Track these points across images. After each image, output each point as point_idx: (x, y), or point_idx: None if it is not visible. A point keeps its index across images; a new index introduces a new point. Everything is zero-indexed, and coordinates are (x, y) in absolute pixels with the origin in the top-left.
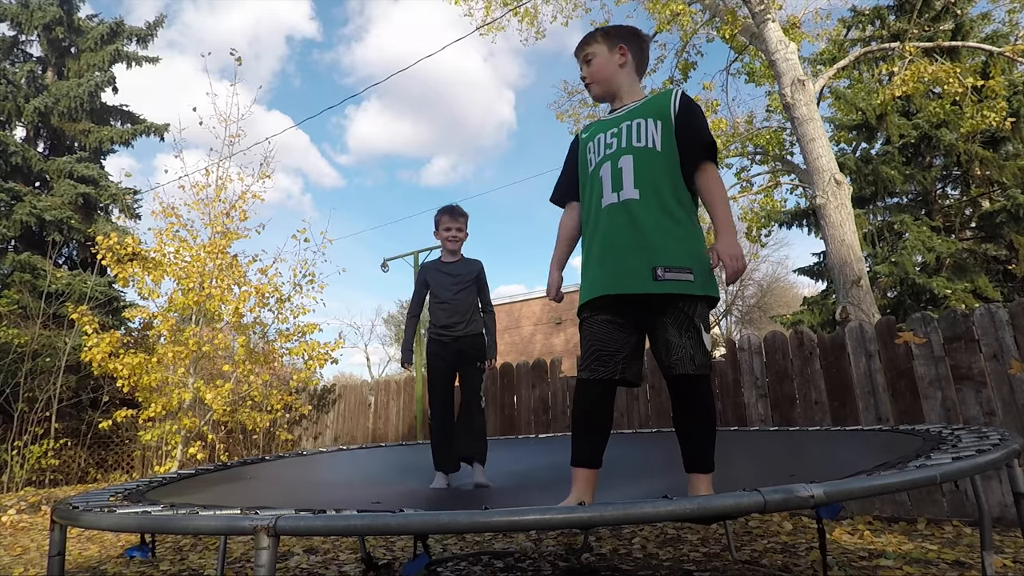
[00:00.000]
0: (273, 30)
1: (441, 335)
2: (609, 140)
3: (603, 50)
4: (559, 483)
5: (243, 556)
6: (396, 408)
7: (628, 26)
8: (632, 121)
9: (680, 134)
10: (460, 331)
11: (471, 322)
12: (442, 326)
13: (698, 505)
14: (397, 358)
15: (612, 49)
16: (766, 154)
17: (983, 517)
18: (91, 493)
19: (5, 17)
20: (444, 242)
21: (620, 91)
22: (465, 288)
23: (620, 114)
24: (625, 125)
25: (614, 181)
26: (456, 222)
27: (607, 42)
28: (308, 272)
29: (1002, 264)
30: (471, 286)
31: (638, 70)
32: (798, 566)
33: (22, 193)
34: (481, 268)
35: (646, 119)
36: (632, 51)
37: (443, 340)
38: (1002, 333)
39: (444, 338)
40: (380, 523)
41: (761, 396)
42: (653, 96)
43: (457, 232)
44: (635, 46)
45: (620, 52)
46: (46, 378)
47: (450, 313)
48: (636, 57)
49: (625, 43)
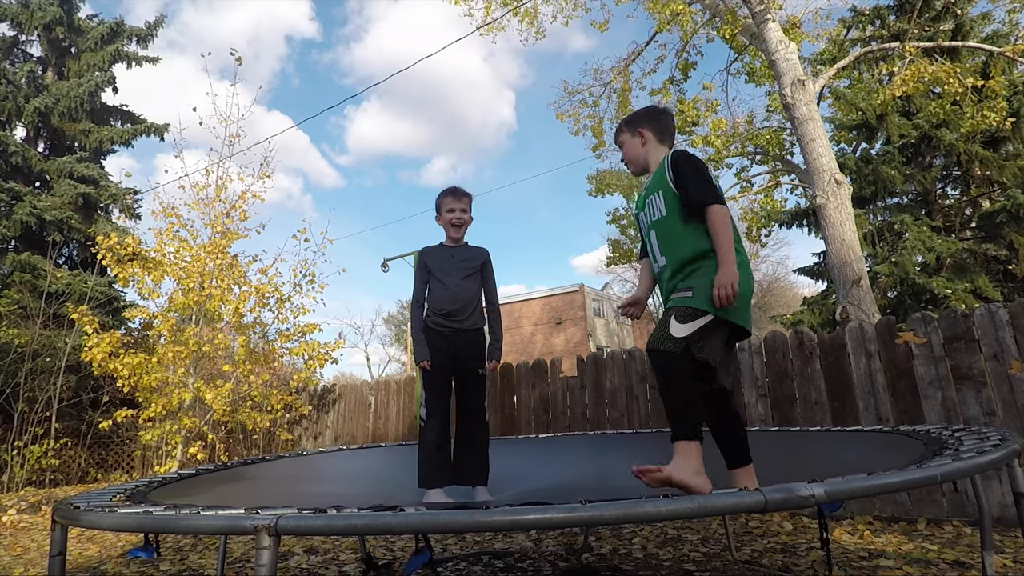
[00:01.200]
0: (273, 30)
1: (441, 326)
2: (643, 218)
3: (628, 137)
4: (559, 483)
5: (243, 556)
6: (396, 408)
7: (646, 109)
8: (648, 197)
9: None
10: (463, 323)
11: (474, 314)
12: (444, 314)
13: (698, 505)
14: (397, 358)
15: (634, 135)
16: (766, 154)
17: (983, 517)
18: (92, 493)
19: (5, 17)
20: (447, 225)
21: (648, 165)
22: (470, 275)
23: (644, 189)
24: (647, 201)
25: (652, 252)
26: (460, 202)
27: (629, 130)
28: (308, 272)
29: (1002, 264)
30: (476, 274)
31: (662, 141)
32: (798, 566)
33: (22, 193)
34: (488, 256)
35: (654, 193)
36: (652, 130)
37: (443, 332)
38: (1002, 333)
39: (445, 329)
40: (380, 523)
41: (761, 396)
42: (658, 167)
43: (461, 213)
44: (653, 124)
45: (640, 135)
46: (46, 378)
47: (453, 300)
48: (657, 133)
49: (643, 127)
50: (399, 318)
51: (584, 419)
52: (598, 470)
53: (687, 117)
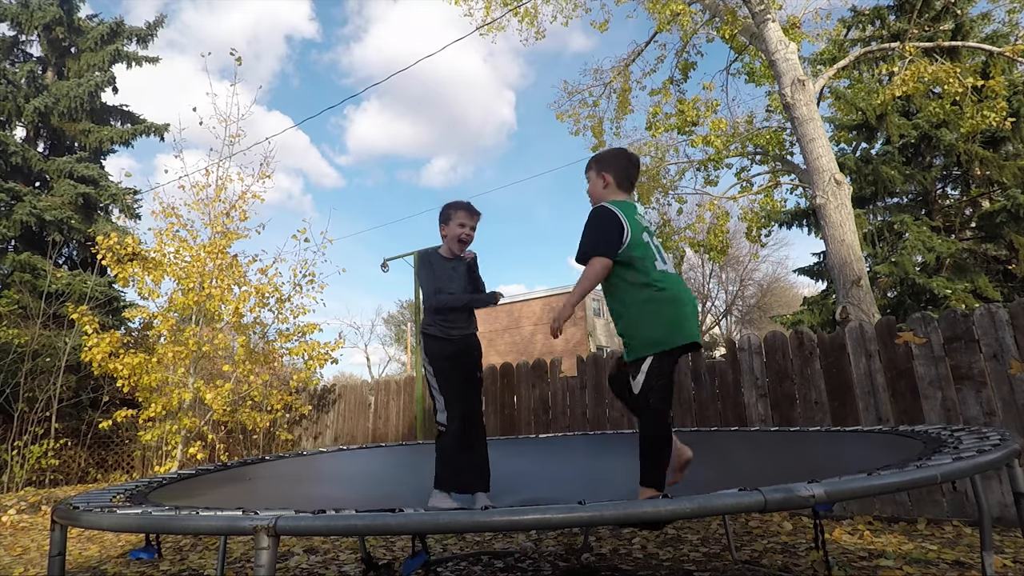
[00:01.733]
0: (273, 30)
1: (447, 333)
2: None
3: (593, 176)
4: (559, 483)
5: (243, 556)
6: (396, 408)
7: (615, 154)
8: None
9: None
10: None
11: (472, 320)
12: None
13: (698, 505)
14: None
15: (599, 175)
16: (766, 154)
17: (983, 517)
18: (91, 493)
19: (5, 17)
20: (454, 240)
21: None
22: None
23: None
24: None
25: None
26: (472, 220)
27: (596, 169)
28: (308, 272)
29: (1002, 264)
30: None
31: (620, 186)
32: (798, 566)
33: (22, 193)
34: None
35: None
36: (614, 175)
37: (450, 338)
38: (1002, 333)
39: (453, 336)
40: (380, 523)
41: (761, 396)
42: None
43: (471, 231)
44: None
45: (603, 178)
46: (46, 378)
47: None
48: (618, 179)
49: (607, 170)
50: (399, 318)
51: (584, 419)
52: (598, 470)
53: (687, 117)
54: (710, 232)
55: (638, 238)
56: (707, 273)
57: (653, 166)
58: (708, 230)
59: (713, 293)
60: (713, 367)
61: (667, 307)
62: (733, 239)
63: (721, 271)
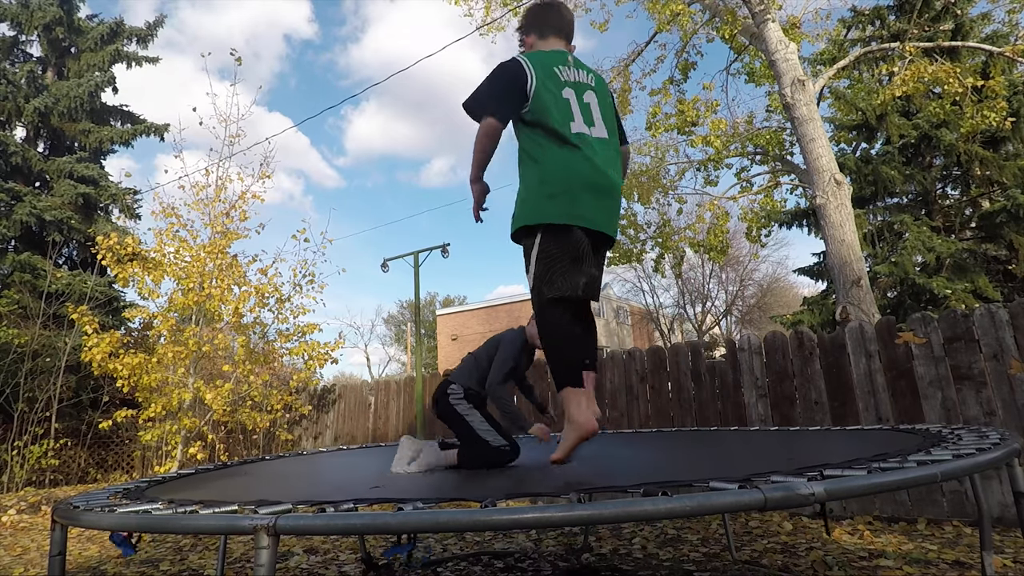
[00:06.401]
0: (272, 30)
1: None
2: None
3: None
4: (559, 483)
5: (243, 556)
6: (396, 408)
7: (527, 8)
8: None
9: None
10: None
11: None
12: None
13: (698, 503)
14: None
15: (521, 43)
16: (766, 154)
17: (983, 517)
18: (91, 493)
19: (5, 17)
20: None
21: None
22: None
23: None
24: None
25: None
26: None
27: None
28: (308, 272)
29: (1002, 264)
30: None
31: (543, 37)
32: (798, 566)
33: (22, 193)
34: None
35: None
36: (534, 30)
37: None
38: (1002, 333)
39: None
40: (380, 523)
41: (761, 396)
42: None
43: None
44: (532, 22)
45: (526, 43)
46: (46, 378)
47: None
48: (536, 30)
49: (527, 33)
50: (399, 318)
51: None
52: (598, 470)
53: (687, 117)
54: (710, 232)
55: (551, 92)
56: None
57: (653, 166)
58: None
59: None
60: (713, 367)
61: (570, 174)
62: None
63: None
